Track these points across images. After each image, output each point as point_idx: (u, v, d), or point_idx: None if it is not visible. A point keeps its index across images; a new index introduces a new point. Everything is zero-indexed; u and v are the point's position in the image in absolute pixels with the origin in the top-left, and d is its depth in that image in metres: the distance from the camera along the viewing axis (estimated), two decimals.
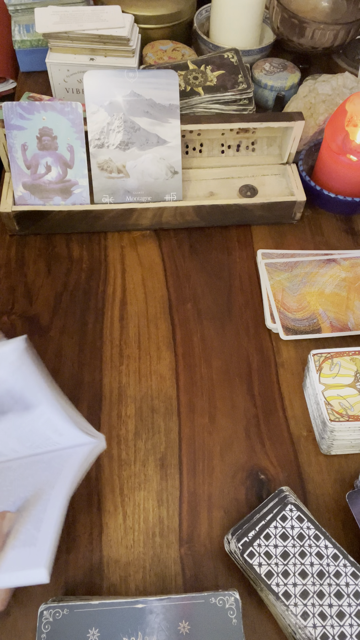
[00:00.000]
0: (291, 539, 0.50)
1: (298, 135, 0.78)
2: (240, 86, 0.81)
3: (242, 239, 0.78)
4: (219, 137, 0.81)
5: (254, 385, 0.65)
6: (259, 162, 0.84)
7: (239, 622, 0.45)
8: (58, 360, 0.66)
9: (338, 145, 0.75)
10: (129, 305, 0.71)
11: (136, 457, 0.60)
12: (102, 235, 0.78)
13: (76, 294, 0.72)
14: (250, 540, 0.50)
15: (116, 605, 0.45)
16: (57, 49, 0.86)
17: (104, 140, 0.73)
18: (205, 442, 0.61)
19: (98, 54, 0.86)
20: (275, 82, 0.88)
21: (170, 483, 0.58)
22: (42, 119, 0.71)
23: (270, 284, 0.72)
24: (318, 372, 0.59)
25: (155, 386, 0.65)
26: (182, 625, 0.45)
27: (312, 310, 0.69)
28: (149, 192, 0.76)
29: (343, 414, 0.56)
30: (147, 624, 0.45)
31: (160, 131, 0.73)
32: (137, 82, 0.71)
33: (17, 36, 0.93)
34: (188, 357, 0.67)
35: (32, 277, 0.73)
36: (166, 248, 0.77)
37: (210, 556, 0.54)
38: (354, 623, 0.47)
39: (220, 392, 0.64)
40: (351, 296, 0.71)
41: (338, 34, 0.87)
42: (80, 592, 0.52)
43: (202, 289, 0.73)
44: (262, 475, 0.59)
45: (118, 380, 0.65)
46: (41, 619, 0.45)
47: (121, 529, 0.55)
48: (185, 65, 0.84)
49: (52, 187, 0.74)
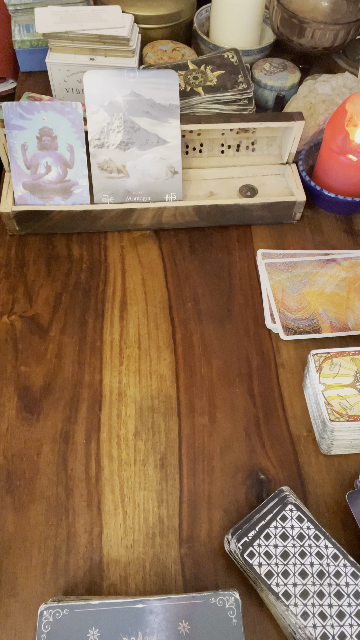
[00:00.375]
0: (291, 539, 0.50)
1: (298, 135, 0.78)
2: (240, 86, 0.81)
3: (242, 239, 0.78)
4: (219, 137, 0.81)
5: (254, 385, 0.65)
6: (259, 162, 0.84)
7: (239, 622, 0.45)
8: (58, 360, 0.66)
9: (338, 145, 0.75)
10: (129, 305, 0.71)
11: (136, 457, 0.60)
12: (102, 235, 0.78)
13: (76, 294, 0.72)
14: (250, 540, 0.50)
15: (116, 605, 0.45)
16: (57, 49, 0.86)
17: (104, 140, 0.73)
18: (205, 442, 0.61)
19: (98, 54, 0.86)
20: (275, 82, 0.88)
21: (170, 483, 0.58)
22: (42, 119, 0.71)
23: (270, 284, 0.72)
24: (318, 372, 0.59)
25: (155, 386, 0.65)
26: (182, 625, 0.45)
27: (312, 310, 0.69)
28: (149, 192, 0.76)
29: (343, 414, 0.56)
30: (147, 624, 0.45)
31: (160, 131, 0.73)
32: (137, 82, 0.71)
33: (17, 36, 0.93)
34: (188, 357, 0.67)
35: (32, 277, 0.73)
36: (166, 248, 0.77)
37: (210, 556, 0.54)
38: (354, 623, 0.47)
39: (220, 392, 0.64)
40: (351, 296, 0.71)
41: (338, 34, 0.87)
42: (80, 592, 0.52)
43: (202, 289, 0.73)
44: (262, 475, 0.59)
45: (118, 380, 0.65)
46: (41, 619, 0.45)
47: (121, 529, 0.55)
48: (185, 65, 0.84)
49: (52, 187, 0.74)
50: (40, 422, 0.61)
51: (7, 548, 0.54)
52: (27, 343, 0.67)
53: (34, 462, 0.59)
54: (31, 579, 0.52)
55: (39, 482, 0.57)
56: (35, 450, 0.59)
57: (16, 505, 0.56)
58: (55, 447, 0.60)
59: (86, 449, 0.60)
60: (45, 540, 0.54)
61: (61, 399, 0.63)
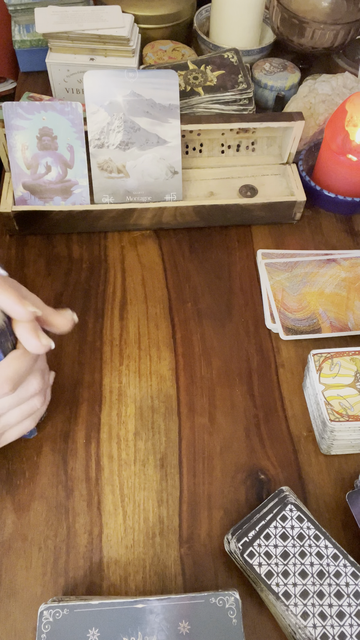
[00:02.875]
0: (291, 539, 0.50)
1: (298, 135, 0.78)
2: (240, 86, 0.81)
3: (242, 239, 0.78)
4: (219, 137, 0.81)
5: (254, 385, 0.65)
6: (259, 162, 0.84)
7: (239, 622, 0.45)
8: (58, 360, 0.66)
9: (338, 145, 0.75)
10: (129, 305, 0.71)
11: (136, 457, 0.60)
12: (102, 235, 0.78)
13: (76, 294, 0.72)
14: (250, 540, 0.50)
15: (116, 605, 0.45)
16: (57, 49, 0.86)
17: (104, 140, 0.73)
18: (205, 442, 0.61)
19: (98, 54, 0.86)
20: (275, 82, 0.88)
21: (170, 483, 0.58)
22: (42, 119, 0.71)
23: (270, 284, 0.72)
24: (318, 372, 0.59)
25: (155, 386, 0.65)
26: (182, 625, 0.45)
27: (312, 310, 0.69)
28: (149, 192, 0.76)
29: (343, 414, 0.56)
30: (147, 624, 0.45)
31: (160, 131, 0.73)
32: (137, 82, 0.71)
33: (17, 36, 0.93)
34: (188, 357, 0.67)
35: (32, 277, 0.73)
36: (166, 248, 0.77)
37: (210, 556, 0.54)
38: (354, 623, 0.47)
39: (220, 392, 0.64)
40: (351, 296, 0.71)
41: (338, 34, 0.87)
42: (80, 592, 0.52)
43: (202, 289, 0.73)
44: (262, 475, 0.59)
45: (118, 380, 0.65)
46: (41, 619, 0.45)
47: (121, 529, 0.55)
48: (185, 65, 0.84)
49: (52, 187, 0.74)
50: (40, 422, 0.61)
51: (7, 548, 0.54)
52: None
53: (34, 462, 0.59)
54: (31, 579, 0.52)
55: (39, 482, 0.57)
56: (35, 450, 0.59)
57: (16, 505, 0.56)
58: (55, 447, 0.60)
59: (86, 449, 0.60)
60: (45, 540, 0.54)
61: (61, 399, 0.63)
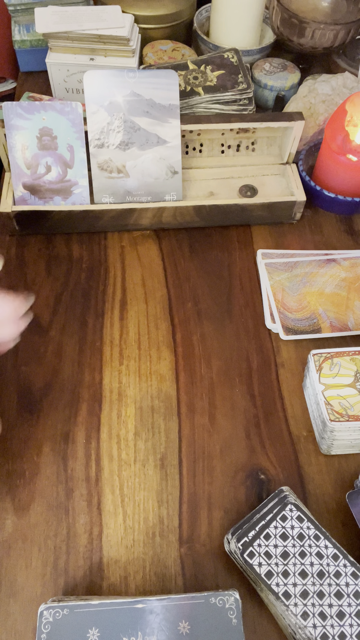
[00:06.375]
0: (291, 539, 0.50)
1: (298, 135, 0.78)
2: (240, 86, 0.81)
3: (242, 239, 0.78)
4: (219, 137, 0.81)
5: (254, 385, 0.65)
6: (259, 162, 0.84)
7: (239, 622, 0.45)
8: (58, 360, 0.66)
9: (338, 145, 0.75)
10: (129, 305, 0.71)
11: (136, 457, 0.60)
12: (102, 235, 0.78)
13: (76, 294, 0.72)
14: (250, 540, 0.50)
15: (116, 605, 0.45)
16: (57, 49, 0.86)
17: (104, 140, 0.73)
18: (205, 442, 0.61)
19: (98, 54, 0.86)
20: (275, 82, 0.88)
21: (170, 483, 0.58)
22: (42, 119, 0.71)
23: (270, 284, 0.72)
24: (318, 372, 0.59)
25: (155, 386, 0.65)
26: (182, 625, 0.45)
27: (312, 310, 0.69)
28: (149, 192, 0.76)
29: (343, 414, 0.56)
30: (147, 624, 0.45)
31: (160, 131, 0.73)
32: (137, 82, 0.71)
33: (17, 36, 0.93)
34: (188, 357, 0.67)
35: (32, 277, 0.73)
36: (166, 248, 0.77)
37: (210, 556, 0.54)
38: (354, 623, 0.47)
39: (220, 392, 0.64)
40: (351, 296, 0.71)
41: (338, 34, 0.87)
42: (80, 592, 0.52)
43: (202, 289, 0.73)
44: (262, 475, 0.59)
45: (118, 380, 0.65)
46: (41, 619, 0.45)
47: (121, 529, 0.55)
48: (185, 65, 0.84)
49: (52, 187, 0.74)
50: (40, 422, 0.61)
51: (7, 548, 0.54)
52: (27, 343, 0.67)
53: (34, 462, 0.59)
54: (31, 579, 0.52)
55: (39, 482, 0.57)
56: (35, 450, 0.59)
57: (16, 505, 0.56)
58: (55, 447, 0.60)
59: (86, 449, 0.60)
60: (45, 540, 0.54)
61: (61, 399, 0.63)
